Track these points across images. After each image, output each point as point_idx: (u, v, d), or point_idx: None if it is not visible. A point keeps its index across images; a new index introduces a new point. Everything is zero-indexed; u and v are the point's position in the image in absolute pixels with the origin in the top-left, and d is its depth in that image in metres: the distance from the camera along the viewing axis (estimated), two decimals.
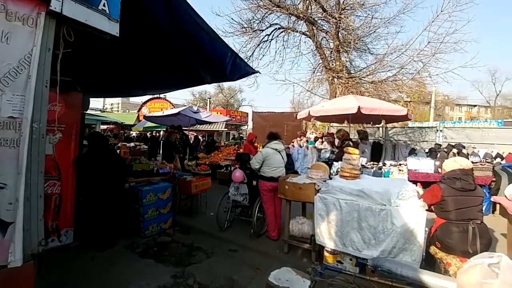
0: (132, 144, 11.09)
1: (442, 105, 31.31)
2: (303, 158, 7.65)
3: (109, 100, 41.65)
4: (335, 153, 6.13)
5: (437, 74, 9.17)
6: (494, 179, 5.47)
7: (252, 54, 11.77)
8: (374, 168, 5.67)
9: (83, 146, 4.03)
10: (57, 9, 1.56)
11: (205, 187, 5.27)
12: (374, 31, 10.27)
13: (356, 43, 10.48)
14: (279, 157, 3.97)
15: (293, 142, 8.55)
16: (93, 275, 2.99)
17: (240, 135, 28.72)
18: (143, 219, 3.97)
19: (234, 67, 3.13)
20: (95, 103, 28.54)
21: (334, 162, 4.71)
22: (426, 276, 1.76)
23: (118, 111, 37.33)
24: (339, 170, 3.58)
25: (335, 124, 10.80)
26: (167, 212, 4.32)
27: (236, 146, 11.48)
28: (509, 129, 10.95)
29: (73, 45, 1.81)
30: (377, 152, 7.30)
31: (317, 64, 11.87)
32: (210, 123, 12.77)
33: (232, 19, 11.11)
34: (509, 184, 3.93)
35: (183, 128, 9.33)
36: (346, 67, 11.19)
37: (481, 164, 5.45)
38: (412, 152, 7.16)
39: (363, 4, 10.00)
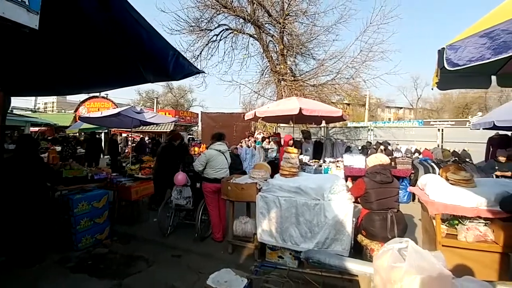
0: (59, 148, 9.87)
1: (375, 107, 35.21)
2: (251, 158, 7.78)
3: (42, 99, 36.66)
4: None
5: (367, 80, 10.29)
6: (413, 171, 6.34)
7: (200, 53, 11.56)
8: (315, 166, 6.08)
9: (3, 150, 3.59)
10: None
11: (147, 192, 5.00)
12: (315, 38, 11.00)
13: (301, 48, 11.09)
14: (222, 158, 3.96)
15: (241, 143, 8.63)
16: None
17: (191, 136, 27.92)
18: (75, 230, 3.63)
19: (177, 66, 3.03)
20: (25, 102, 24.92)
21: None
22: (350, 263, 1.94)
23: (52, 111, 32.96)
24: None
25: (282, 125, 11.25)
26: (104, 221, 3.99)
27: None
28: (426, 128, 12.87)
29: None
30: (318, 150, 7.86)
31: (265, 67, 12.21)
32: (155, 124, 12.08)
33: (179, 16, 10.72)
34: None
35: (125, 130, 8.63)
36: (291, 70, 11.75)
37: (403, 159, 6.27)
38: (348, 149, 7.89)
39: (305, 12, 10.62)
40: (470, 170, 5.05)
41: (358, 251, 2.97)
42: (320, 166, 6.02)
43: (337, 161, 6.46)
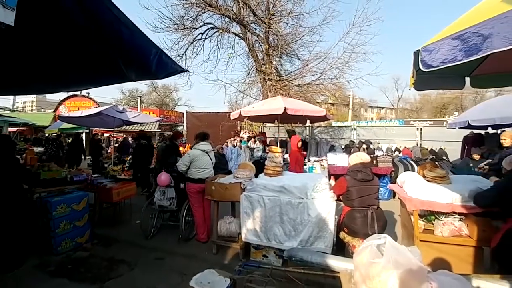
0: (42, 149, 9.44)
1: (358, 107, 36.10)
2: (237, 157, 7.77)
3: (21, 98, 34.97)
4: None
5: (350, 80, 10.52)
6: (393, 169, 6.54)
7: (185, 52, 11.39)
8: None
9: None
10: None
11: (130, 194, 4.86)
12: (300, 38, 11.13)
13: (286, 49, 11.17)
14: (207, 158, 3.92)
15: (227, 142, 8.59)
16: None
17: None
18: (54, 234, 3.51)
19: (160, 65, 2.97)
20: (3, 101, 23.71)
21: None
22: (331, 260, 1.97)
23: (31, 110, 31.50)
24: None
25: (268, 124, 11.30)
26: (84, 224, 3.86)
27: None
28: (406, 127, 13.32)
29: None
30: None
31: (251, 66, 12.21)
32: (139, 123, 11.79)
33: (163, 14, 10.51)
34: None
35: (107, 129, 8.37)
36: (277, 69, 11.82)
37: (384, 157, 6.45)
38: (332, 148, 8.04)
39: (290, 12, 10.69)
40: (446, 168, 5.29)
41: (341, 248, 3.03)
42: (305, 164, 6.10)
43: (322, 159, 6.57)
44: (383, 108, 44.53)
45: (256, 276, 1.95)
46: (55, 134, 13.18)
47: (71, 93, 18.54)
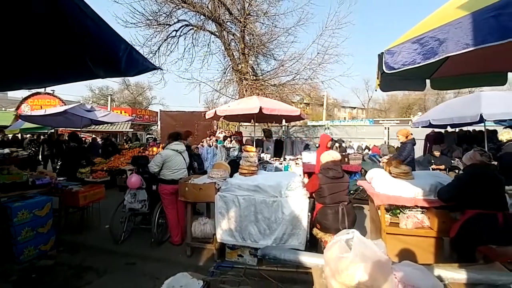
0: (7, 151, 8.64)
1: (332, 107, 37.32)
2: (213, 157, 7.66)
3: None
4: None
5: (324, 81, 10.85)
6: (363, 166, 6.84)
7: (159, 49, 11.03)
8: (276, 163, 6.22)
9: None
10: None
11: (98, 197, 4.63)
12: (276, 39, 11.24)
13: (262, 49, 11.23)
14: (180, 158, 3.83)
15: (202, 142, 8.45)
16: None
17: (150, 136, 26.55)
18: (15, 241, 3.29)
19: (131, 61, 2.84)
20: None
21: None
22: (303, 257, 2.01)
23: None
24: None
25: (245, 124, 11.29)
26: (48, 230, 3.64)
27: (142, 148, 10.50)
28: (376, 126, 13.98)
29: None
30: (279, 149, 8.05)
31: (227, 65, 12.10)
32: (108, 123, 11.22)
33: (135, 8, 10.08)
34: None
35: (74, 129, 7.87)
36: (253, 69, 11.84)
37: (354, 155, 6.73)
38: (307, 147, 8.22)
39: (266, 13, 10.77)
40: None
41: (314, 244, 3.11)
42: (281, 163, 6.18)
43: (297, 158, 6.69)
44: (355, 108, 46.43)
45: (229, 276, 1.94)
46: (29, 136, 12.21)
47: (33, 91, 17.19)
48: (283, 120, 8.94)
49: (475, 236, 2.32)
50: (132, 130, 20.47)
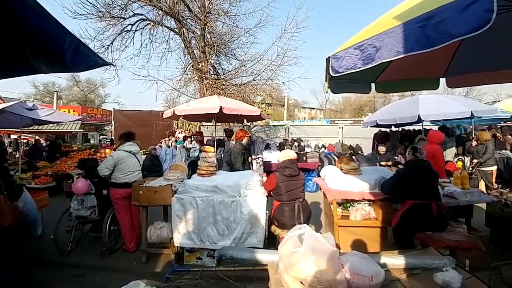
0: None
1: (293, 107, 38.60)
2: (172, 158, 7.40)
3: None
4: None
5: (284, 82, 11.18)
6: (320, 164, 7.20)
7: (112, 43, 10.28)
8: None
9: None
10: None
11: (42, 204, 4.15)
12: (237, 39, 11.27)
13: (223, 48, 11.15)
14: (134, 160, 3.62)
15: (160, 143, 8.11)
16: None
17: (104, 136, 24.60)
18: None
19: (78, 56, 2.59)
20: None
21: None
22: (259, 254, 2.05)
23: None
24: None
25: (206, 123, 11.09)
26: None
27: (93, 150, 9.69)
28: (332, 126, 14.83)
29: None
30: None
31: (187, 63, 11.75)
32: (53, 123, 10.10)
33: None
34: None
35: (13, 130, 6.89)
36: (214, 68, 11.69)
37: (312, 153, 7.06)
38: (267, 146, 8.38)
39: (227, 12, 10.71)
40: (361, 161, 6.07)
41: (272, 241, 3.16)
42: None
43: (258, 157, 6.77)
44: (313, 109, 48.59)
45: (185, 281, 1.89)
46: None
47: None
48: (245, 120, 9.00)
49: (412, 225, 2.56)
50: (82, 130, 18.72)
